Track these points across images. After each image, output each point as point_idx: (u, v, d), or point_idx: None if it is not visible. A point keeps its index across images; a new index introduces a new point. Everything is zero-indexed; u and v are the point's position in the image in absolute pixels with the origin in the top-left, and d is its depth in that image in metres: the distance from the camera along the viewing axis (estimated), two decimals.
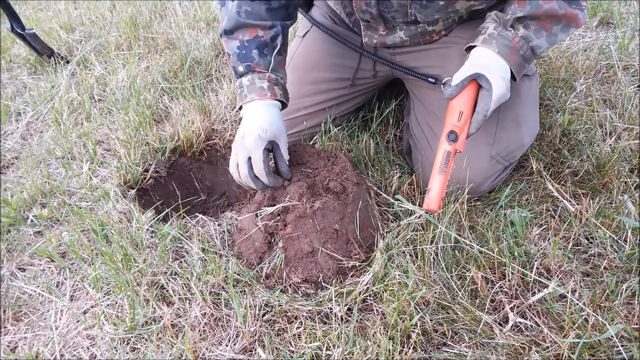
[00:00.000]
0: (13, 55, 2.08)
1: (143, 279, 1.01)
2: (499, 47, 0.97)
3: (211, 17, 2.13)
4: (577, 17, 0.96)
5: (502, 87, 0.96)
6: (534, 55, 1.00)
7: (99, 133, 1.51)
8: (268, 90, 1.05)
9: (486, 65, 0.97)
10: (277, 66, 1.09)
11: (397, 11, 1.07)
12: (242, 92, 1.07)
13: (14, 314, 1.01)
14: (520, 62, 0.99)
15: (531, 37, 0.97)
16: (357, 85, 1.35)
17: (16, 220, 1.21)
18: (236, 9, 1.06)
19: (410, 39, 1.18)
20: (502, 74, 0.97)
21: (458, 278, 1.00)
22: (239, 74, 1.08)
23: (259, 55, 1.07)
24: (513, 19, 0.97)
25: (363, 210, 1.05)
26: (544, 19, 0.96)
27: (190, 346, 0.89)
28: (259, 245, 1.04)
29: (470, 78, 0.96)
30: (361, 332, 0.92)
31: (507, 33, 0.97)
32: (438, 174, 0.96)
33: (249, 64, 1.06)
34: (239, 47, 1.07)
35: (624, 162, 1.24)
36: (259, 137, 1.00)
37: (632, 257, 1.01)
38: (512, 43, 0.97)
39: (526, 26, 0.97)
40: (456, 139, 0.97)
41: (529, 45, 0.98)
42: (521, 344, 0.88)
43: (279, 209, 1.02)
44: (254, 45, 1.06)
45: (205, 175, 1.46)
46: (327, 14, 1.34)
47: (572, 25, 0.98)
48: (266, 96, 1.05)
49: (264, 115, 1.03)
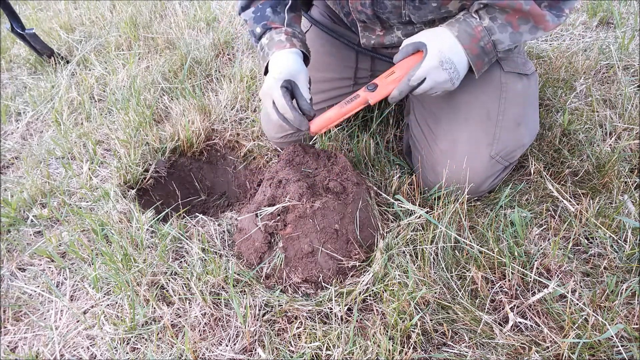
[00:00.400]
0: (13, 55, 2.08)
1: (143, 279, 1.01)
2: (459, 32, 0.95)
3: (211, 17, 2.13)
4: (544, 19, 0.93)
5: (435, 58, 0.94)
6: (495, 50, 0.97)
7: (99, 133, 1.51)
8: (287, 41, 1.07)
9: (431, 38, 0.97)
10: (292, 21, 1.13)
11: (391, 12, 1.07)
12: (264, 52, 1.09)
13: (14, 314, 1.01)
14: (478, 53, 0.96)
15: (494, 29, 0.95)
16: (358, 85, 1.35)
17: (16, 220, 1.21)
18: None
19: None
20: (443, 49, 0.94)
21: (458, 278, 1.00)
22: (257, 36, 1.12)
23: (273, 12, 1.11)
24: (478, 5, 0.95)
25: (363, 210, 1.05)
26: (511, 13, 0.93)
27: (190, 346, 0.89)
28: (259, 245, 1.04)
29: (415, 47, 0.98)
30: (361, 332, 0.92)
31: (471, 20, 0.95)
32: (338, 105, 1.01)
33: (264, 22, 1.11)
34: (254, 11, 1.13)
35: (624, 162, 1.24)
36: (274, 79, 1.02)
37: (632, 257, 1.01)
38: (474, 31, 0.95)
39: (493, 18, 0.94)
40: (373, 90, 0.99)
41: (491, 38, 0.95)
42: (521, 344, 0.88)
43: (278, 208, 1.02)
44: (267, 5, 1.11)
45: (205, 175, 1.46)
46: (326, 13, 1.35)
47: (540, 28, 0.94)
48: (285, 47, 1.06)
49: (281, 60, 1.04)
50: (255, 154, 1.42)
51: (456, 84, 0.99)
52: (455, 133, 1.13)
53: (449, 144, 1.13)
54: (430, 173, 1.17)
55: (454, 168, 1.11)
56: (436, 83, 0.97)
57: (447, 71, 0.96)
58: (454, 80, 0.97)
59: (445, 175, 1.12)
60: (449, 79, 0.97)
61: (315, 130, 1.01)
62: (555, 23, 0.94)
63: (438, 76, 0.96)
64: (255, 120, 1.49)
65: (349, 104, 1.00)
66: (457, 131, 1.13)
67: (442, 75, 0.96)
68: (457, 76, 0.97)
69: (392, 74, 1.00)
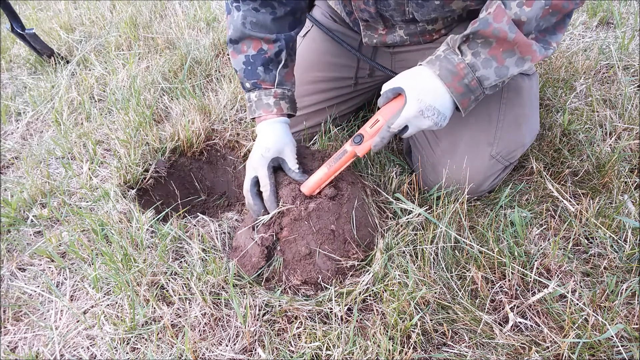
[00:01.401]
0: (13, 55, 2.08)
1: (143, 279, 1.01)
2: (440, 70, 0.90)
3: (211, 17, 2.13)
4: (530, 48, 0.86)
5: (413, 108, 0.90)
6: (482, 87, 0.90)
7: (99, 133, 1.51)
8: (274, 106, 1.10)
9: (410, 83, 0.92)
10: (283, 80, 1.12)
11: (395, 10, 1.07)
12: (251, 107, 1.12)
13: (14, 314, 1.01)
14: (463, 92, 0.90)
15: (478, 65, 0.88)
16: (358, 85, 1.35)
17: (16, 220, 1.21)
18: (241, 20, 1.07)
19: (409, 38, 1.18)
20: (422, 96, 0.90)
21: (458, 278, 1.00)
22: (246, 89, 1.13)
23: (265, 71, 1.10)
24: (461, 39, 0.88)
25: (359, 209, 1.04)
26: (495, 45, 0.86)
27: (190, 346, 0.89)
28: (257, 260, 1.02)
29: (394, 92, 0.95)
30: (361, 332, 0.92)
31: (453, 57, 0.89)
32: (325, 165, 1.02)
33: (255, 80, 1.10)
34: (244, 62, 1.10)
35: (624, 162, 1.24)
36: (262, 156, 1.06)
37: (632, 257, 1.01)
38: (457, 69, 0.89)
39: (475, 54, 0.88)
40: (360, 142, 0.99)
41: (475, 75, 0.89)
42: (521, 344, 0.88)
43: (275, 215, 1.02)
44: (259, 62, 1.09)
45: (205, 175, 1.46)
46: (328, 13, 1.35)
47: (526, 59, 0.87)
48: (272, 112, 1.10)
49: (269, 134, 1.08)
50: None
51: (443, 124, 0.95)
52: (456, 132, 1.13)
53: (450, 144, 1.13)
54: (431, 172, 1.17)
55: (455, 168, 1.11)
56: (420, 129, 0.95)
57: (428, 118, 0.92)
58: (439, 123, 0.93)
59: (446, 174, 1.12)
60: (434, 124, 0.93)
61: (307, 193, 1.03)
62: (543, 54, 0.88)
63: (420, 124, 0.93)
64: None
65: (338, 161, 1.01)
66: (457, 131, 1.13)
67: (425, 123, 0.93)
68: (443, 118, 0.93)
69: (376, 123, 0.98)
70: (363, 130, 0.99)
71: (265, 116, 1.10)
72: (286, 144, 1.08)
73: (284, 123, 1.11)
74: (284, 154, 1.08)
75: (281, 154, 1.08)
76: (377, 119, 0.98)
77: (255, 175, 1.07)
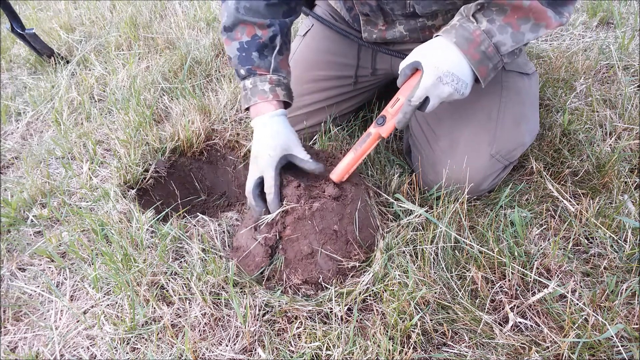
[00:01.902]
0: (13, 55, 2.08)
1: (143, 279, 1.01)
2: (457, 38, 0.90)
3: (211, 17, 2.13)
4: (545, 15, 0.88)
5: (431, 76, 0.90)
6: (499, 53, 0.91)
7: (99, 133, 1.51)
8: (270, 92, 1.07)
9: (426, 54, 0.93)
10: (279, 66, 1.10)
11: (396, 3, 1.06)
12: (247, 95, 1.09)
13: (14, 314, 1.01)
14: (480, 59, 0.91)
15: (494, 32, 0.89)
16: (358, 83, 1.35)
17: (16, 220, 1.21)
18: (235, 6, 1.06)
19: (409, 34, 1.17)
20: (439, 63, 0.90)
21: (458, 278, 1.00)
22: (241, 77, 1.10)
23: (259, 57, 1.08)
24: (475, 7, 0.90)
25: (362, 211, 1.04)
26: (510, 13, 0.88)
27: (190, 346, 0.89)
28: (260, 260, 1.02)
29: (412, 67, 0.94)
30: (361, 332, 0.92)
31: (468, 25, 0.90)
32: (352, 150, 1.01)
33: (249, 67, 1.08)
34: (238, 49, 1.08)
35: (624, 162, 1.24)
36: (269, 156, 1.03)
37: (632, 257, 1.01)
38: (473, 35, 0.90)
39: (491, 21, 0.89)
40: (383, 123, 0.98)
41: (492, 41, 0.90)
42: (521, 344, 0.88)
43: (279, 214, 1.01)
44: (253, 47, 1.07)
45: (205, 175, 1.46)
46: (328, 12, 1.35)
47: (541, 25, 0.89)
48: (268, 99, 1.06)
49: (270, 131, 1.05)
50: None
51: (465, 92, 0.94)
52: (456, 132, 1.13)
53: (450, 143, 1.13)
54: (431, 172, 1.17)
55: (454, 167, 1.11)
56: (441, 98, 0.94)
57: (448, 85, 0.91)
58: (460, 90, 0.93)
59: (446, 174, 1.12)
60: (455, 90, 0.92)
61: (337, 179, 1.02)
62: (558, 21, 0.90)
63: (440, 92, 0.92)
64: None
65: (363, 145, 1.00)
66: (457, 130, 1.13)
67: (445, 90, 0.92)
68: (464, 85, 0.92)
69: (397, 102, 0.98)
70: (385, 112, 0.98)
71: (261, 104, 1.07)
72: (290, 139, 1.05)
73: (281, 116, 1.08)
74: (291, 149, 1.05)
75: (288, 150, 1.05)
76: (398, 98, 0.97)
77: (260, 176, 1.05)
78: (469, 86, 0.94)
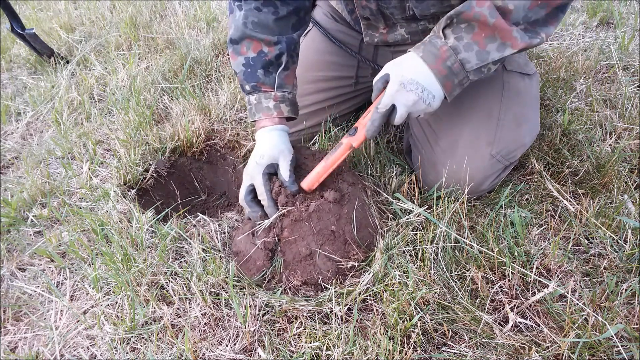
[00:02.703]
0: (13, 55, 2.08)
1: (143, 279, 1.01)
2: (424, 53, 0.92)
3: (211, 17, 2.13)
4: (510, 34, 0.87)
5: (395, 83, 0.92)
6: (464, 70, 0.92)
7: (99, 133, 1.51)
8: (274, 109, 1.09)
9: (395, 67, 0.95)
10: (283, 83, 1.11)
11: (395, 7, 1.07)
12: (251, 110, 1.12)
13: (14, 314, 1.01)
14: (447, 74, 0.92)
15: (460, 48, 0.90)
16: (359, 84, 1.35)
17: (16, 220, 1.21)
18: (243, 20, 1.06)
19: (411, 37, 1.18)
20: (404, 72, 0.92)
21: (458, 278, 1.00)
22: (246, 92, 1.12)
23: (264, 74, 1.09)
24: (445, 21, 0.91)
25: (360, 210, 1.04)
26: (478, 30, 0.89)
27: (190, 346, 0.89)
28: (261, 264, 1.02)
29: (383, 81, 0.96)
30: (361, 332, 0.92)
31: (436, 40, 0.92)
32: (324, 159, 1.03)
33: (254, 83, 1.09)
34: (244, 64, 1.09)
35: (624, 162, 1.24)
36: (256, 164, 1.06)
37: (632, 257, 1.01)
38: (440, 51, 0.91)
39: (458, 38, 0.90)
40: (354, 133, 1.01)
41: (457, 58, 0.91)
42: (521, 344, 0.88)
43: (276, 219, 1.01)
44: (259, 64, 1.08)
45: (205, 175, 1.46)
46: (329, 12, 1.35)
47: (507, 45, 0.89)
48: (272, 115, 1.09)
49: (266, 141, 1.08)
50: None
51: (433, 104, 0.94)
52: (457, 131, 1.13)
53: (450, 143, 1.13)
54: (431, 172, 1.17)
55: (454, 167, 1.11)
56: (407, 107, 0.94)
57: (412, 92, 0.92)
58: (425, 99, 0.93)
59: (446, 174, 1.12)
60: (419, 99, 0.93)
61: (307, 187, 1.03)
62: (525, 42, 0.88)
63: (405, 99, 0.93)
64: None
65: (334, 154, 1.02)
66: (458, 130, 1.13)
67: (410, 97, 0.93)
68: (431, 95, 0.93)
69: (369, 113, 1.00)
70: (357, 123, 1.01)
71: (264, 120, 1.10)
72: (281, 152, 1.06)
73: (281, 131, 1.10)
74: (279, 160, 1.06)
75: (276, 161, 1.06)
76: (370, 110, 1.00)
77: (251, 183, 1.07)
78: (437, 99, 0.94)
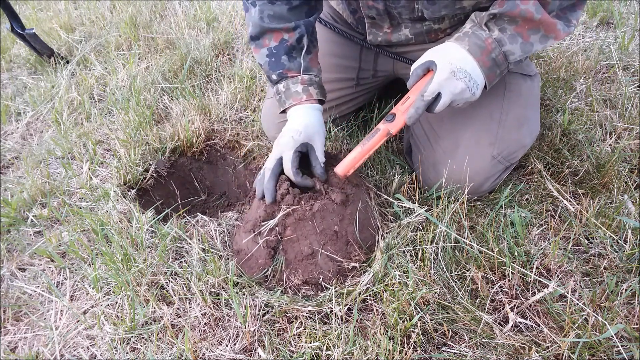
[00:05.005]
0: (13, 55, 2.08)
1: (143, 279, 1.01)
2: (469, 45, 0.94)
3: (211, 17, 2.13)
4: (555, 27, 0.92)
5: (445, 70, 0.92)
6: (507, 61, 0.95)
7: (99, 133, 1.51)
8: (303, 93, 1.08)
9: (440, 54, 0.95)
10: (309, 65, 1.11)
11: (404, 7, 1.07)
12: (281, 99, 1.10)
13: (14, 314, 1.01)
14: (490, 66, 0.95)
15: (504, 41, 0.93)
16: (359, 85, 1.35)
17: (16, 220, 1.21)
18: (259, 15, 1.07)
19: (415, 37, 1.18)
20: (453, 60, 0.93)
21: (458, 278, 1.00)
22: (273, 82, 1.11)
23: (289, 60, 1.08)
24: (488, 16, 0.93)
25: (362, 212, 1.04)
26: (522, 23, 0.92)
27: (190, 346, 0.89)
28: (264, 262, 1.02)
29: (424, 67, 0.96)
30: (361, 332, 0.92)
31: (480, 32, 0.94)
32: (359, 145, 1.01)
33: (280, 71, 1.09)
34: (267, 55, 1.09)
35: (624, 162, 1.24)
36: (292, 138, 1.02)
37: (632, 257, 1.01)
38: (485, 43, 0.93)
39: (502, 30, 0.93)
40: (392, 120, 0.99)
41: (502, 50, 0.94)
42: (521, 344, 0.88)
43: (280, 218, 1.00)
44: (282, 51, 1.08)
45: (205, 175, 1.46)
46: (330, 14, 1.34)
47: (550, 37, 0.93)
48: (302, 99, 1.07)
49: (302, 117, 1.05)
50: (255, 154, 1.42)
51: (477, 93, 0.96)
52: (458, 132, 1.13)
53: (451, 143, 1.13)
54: (431, 172, 1.17)
55: (455, 168, 1.11)
56: (454, 95, 0.94)
57: (461, 80, 0.93)
58: (472, 89, 0.95)
59: (446, 174, 1.11)
60: (466, 88, 0.94)
61: (342, 173, 1.02)
62: (566, 32, 0.93)
63: (453, 87, 0.94)
64: (255, 120, 1.49)
65: (371, 140, 1.00)
66: (459, 130, 1.13)
67: (458, 85, 0.93)
68: (475, 85, 0.95)
69: (407, 100, 0.99)
70: (395, 109, 0.99)
71: (295, 104, 1.08)
72: (317, 132, 1.05)
73: (317, 110, 1.08)
74: (315, 142, 1.05)
75: (311, 141, 1.04)
76: (408, 97, 0.98)
77: (281, 156, 1.04)
78: (480, 88, 0.97)
